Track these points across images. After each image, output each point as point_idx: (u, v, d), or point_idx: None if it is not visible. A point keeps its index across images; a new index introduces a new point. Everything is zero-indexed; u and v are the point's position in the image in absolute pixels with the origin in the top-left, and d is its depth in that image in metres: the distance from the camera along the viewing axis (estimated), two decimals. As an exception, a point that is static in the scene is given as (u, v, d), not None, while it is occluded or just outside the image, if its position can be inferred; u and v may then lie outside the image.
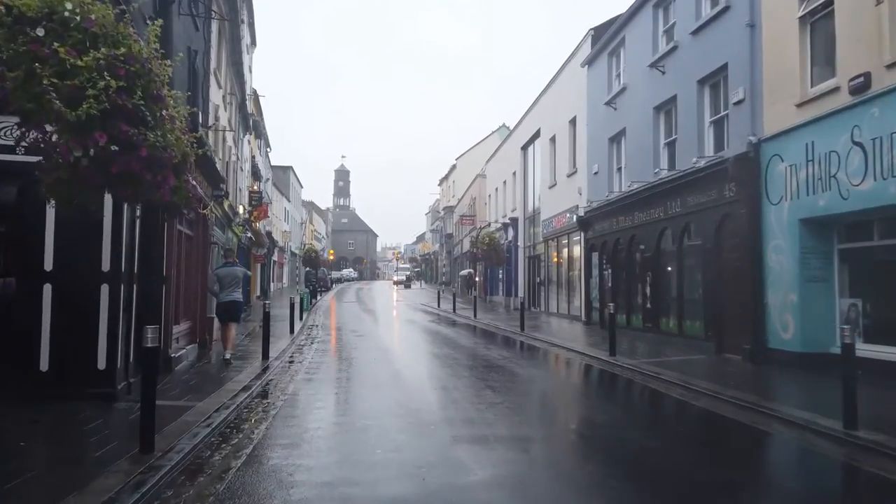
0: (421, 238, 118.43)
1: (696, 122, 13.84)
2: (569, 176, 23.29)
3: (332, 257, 74.16)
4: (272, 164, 50.79)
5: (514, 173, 32.85)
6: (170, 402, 7.66)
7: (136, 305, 8.54)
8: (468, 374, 10.89)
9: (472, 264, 34.63)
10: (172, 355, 10.17)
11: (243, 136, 27.78)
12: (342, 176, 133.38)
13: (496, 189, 38.15)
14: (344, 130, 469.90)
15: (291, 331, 17.94)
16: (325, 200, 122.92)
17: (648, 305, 15.87)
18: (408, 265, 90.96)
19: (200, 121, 10.42)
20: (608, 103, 18.71)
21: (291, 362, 12.27)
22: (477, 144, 63.13)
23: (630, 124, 17.33)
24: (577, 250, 23.08)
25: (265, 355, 12.08)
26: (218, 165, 13.69)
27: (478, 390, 9.29)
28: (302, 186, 73.91)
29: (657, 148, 15.78)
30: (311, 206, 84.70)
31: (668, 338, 14.71)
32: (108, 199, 7.36)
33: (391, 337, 18.30)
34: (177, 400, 7.92)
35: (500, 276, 36.01)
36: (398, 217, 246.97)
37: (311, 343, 15.80)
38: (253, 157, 35.03)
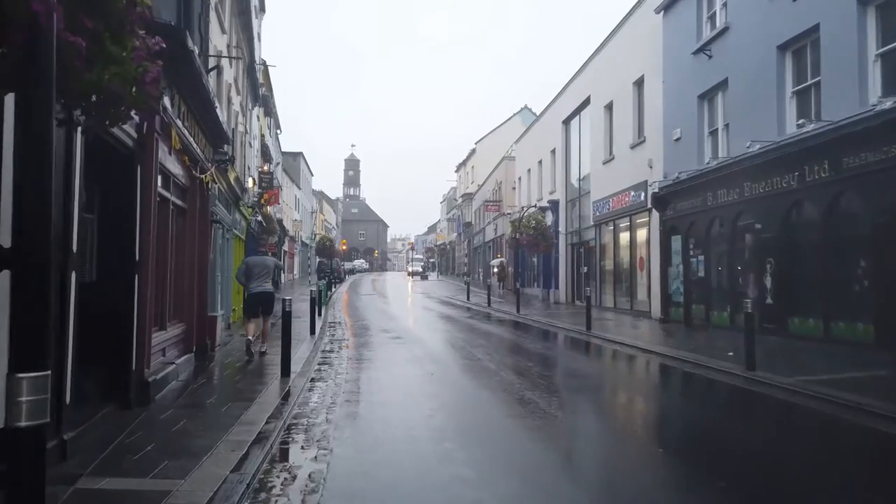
0: (433, 228, 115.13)
1: (853, 56, 10.35)
2: (633, 147, 19.82)
3: (344, 247, 70.90)
4: (282, 149, 47.53)
5: (553, 151, 29.37)
6: (123, 484, 4.34)
7: (89, 306, 5.26)
8: (579, 403, 7.57)
9: (511, 252, 31.09)
10: (151, 379, 6.86)
11: (252, 108, 24.45)
12: (352, 165, 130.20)
13: (528, 171, 34.67)
14: (352, 119, 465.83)
15: (312, 331, 14.66)
16: (334, 190, 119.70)
17: (769, 300, 12.43)
18: (421, 256, 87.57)
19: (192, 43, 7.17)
20: (699, 51, 15.20)
21: (320, 380, 8.94)
22: (498, 127, 59.77)
23: (736, 73, 13.83)
24: (644, 234, 19.63)
25: (285, 371, 8.77)
26: (221, 117, 10.33)
27: (624, 436, 5.95)
28: (312, 174, 70.67)
29: (782, 98, 12.31)
30: (321, 196, 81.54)
31: (804, 343, 11.29)
32: None
33: (434, 339, 14.97)
34: (142, 473, 4.57)
35: (535, 266, 32.58)
36: (408, 207, 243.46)
37: (339, 348, 12.49)
38: (262, 136, 31.76)
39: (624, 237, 21.47)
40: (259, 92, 26.54)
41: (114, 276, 6.45)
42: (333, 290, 35.51)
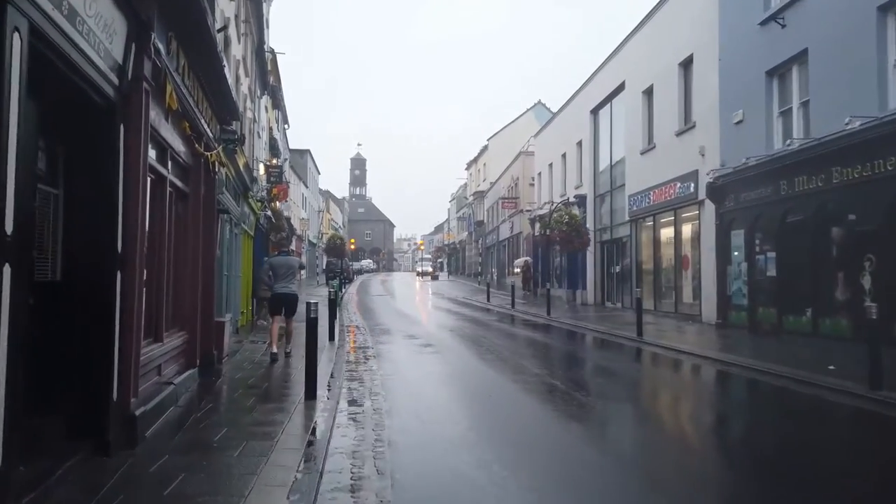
0: (440, 228, 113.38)
1: None
2: (679, 134, 18.04)
3: (352, 247, 69.29)
4: (289, 146, 45.84)
5: (580, 143, 27.58)
6: None
7: (51, 315, 3.57)
8: (696, 438, 5.83)
9: (541, 250, 29.26)
10: (139, 411, 5.13)
11: (260, 96, 22.76)
12: (358, 164, 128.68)
13: (549, 165, 32.88)
14: (357, 117, 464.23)
15: (331, 336, 12.99)
16: (339, 190, 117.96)
17: (869, 303, 10.60)
18: (429, 256, 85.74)
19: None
20: (769, 20, 13.41)
21: (353, 403, 7.20)
22: (511, 123, 58.08)
23: (819, 42, 12.04)
24: (691, 229, 17.88)
25: (310, 392, 7.05)
26: (229, 80, 8.61)
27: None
28: (319, 173, 69.06)
29: (884, 67, 10.52)
30: (327, 195, 79.91)
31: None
32: None
33: (469, 348, 13.23)
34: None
35: (559, 265, 30.78)
36: (414, 208, 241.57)
37: (364, 358, 10.77)
38: (271, 129, 30.09)
39: (666, 233, 19.69)
40: (268, 79, 24.88)
41: (88, 273, 4.74)
42: (344, 290, 33.82)
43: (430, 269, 65.24)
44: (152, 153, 6.02)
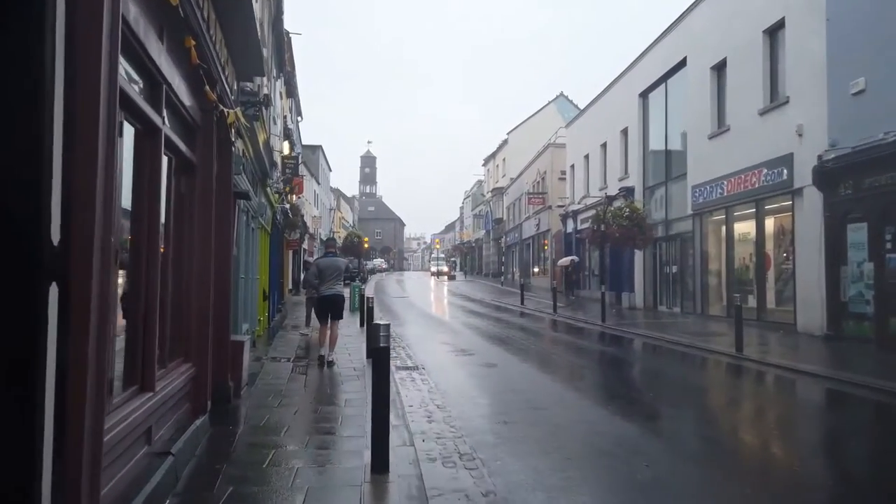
0: (450, 227, 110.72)
1: None
2: (764, 113, 15.49)
3: (366, 245, 67.02)
4: (302, 141, 43.46)
5: (625, 130, 25.04)
6: None
7: None
8: None
9: (593, 247, 26.61)
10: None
11: (276, 77, 20.38)
12: (368, 162, 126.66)
13: (585, 156, 30.33)
14: (366, 114, 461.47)
15: (369, 354, 10.57)
16: (349, 188, 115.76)
17: None
18: (442, 255, 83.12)
19: None
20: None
21: (449, 493, 4.75)
22: (532, 116, 55.72)
23: None
24: (777, 224, 15.41)
25: (379, 464, 4.61)
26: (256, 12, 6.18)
27: None
28: (331, 170, 66.68)
29: None
30: (338, 193, 77.56)
31: None
32: None
33: (540, 369, 10.77)
34: None
35: (592, 265, 28.21)
36: (423, 206, 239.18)
37: (419, 387, 8.34)
38: (285, 118, 27.74)
39: (742, 228, 17.18)
40: (284, 59, 22.49)
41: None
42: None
43: (447, 269, 62.61)
44: (135, 80, 3.60)
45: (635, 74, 24.19)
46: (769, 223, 15.90)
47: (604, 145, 27.65)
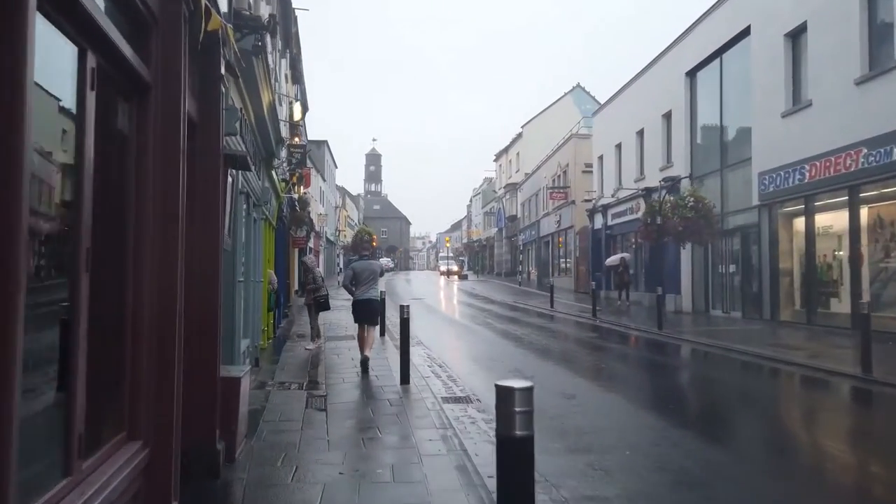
0: (457, 225, 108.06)
1: None
2: (861, 83, 12.98)
3: (375, 244, 64.64)
4: (307, 135, 41.00)
5: (667, 114, 22.55)
6: None
7: None
8: None
9: (643, 244, 23.97)
10: None
11: (282, 53, 17.98)
12: (373, 160, 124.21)
13: (617, 146, 27.82)
14: (369, 114, 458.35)
15: (405, 378, 8.26)
16: (354, 187, 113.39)
17: None
18: (451, 254, 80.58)
19: None
20: None
21: None
22: (547, 109, 53.33)
23: None
24: (872, 215, 12.97)
25: None
26: None
27: None
28: (336, 166, 64.23)
29: None
30: (343, 191, 75.14)
31: None
32: None
33: (644, 404, 8.33)
34: None
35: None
36: (428, 205, 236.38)
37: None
38: (291, 104, 25.32)
39: (825, 220, 14.71)
40: (291, 34, 20.06)
41: None
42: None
43: (457, 268, 60.09)
44: None
45: (681, 51, 21.68)
46: (864, 213, 13.44)
47: (640, 132, 25.15)
